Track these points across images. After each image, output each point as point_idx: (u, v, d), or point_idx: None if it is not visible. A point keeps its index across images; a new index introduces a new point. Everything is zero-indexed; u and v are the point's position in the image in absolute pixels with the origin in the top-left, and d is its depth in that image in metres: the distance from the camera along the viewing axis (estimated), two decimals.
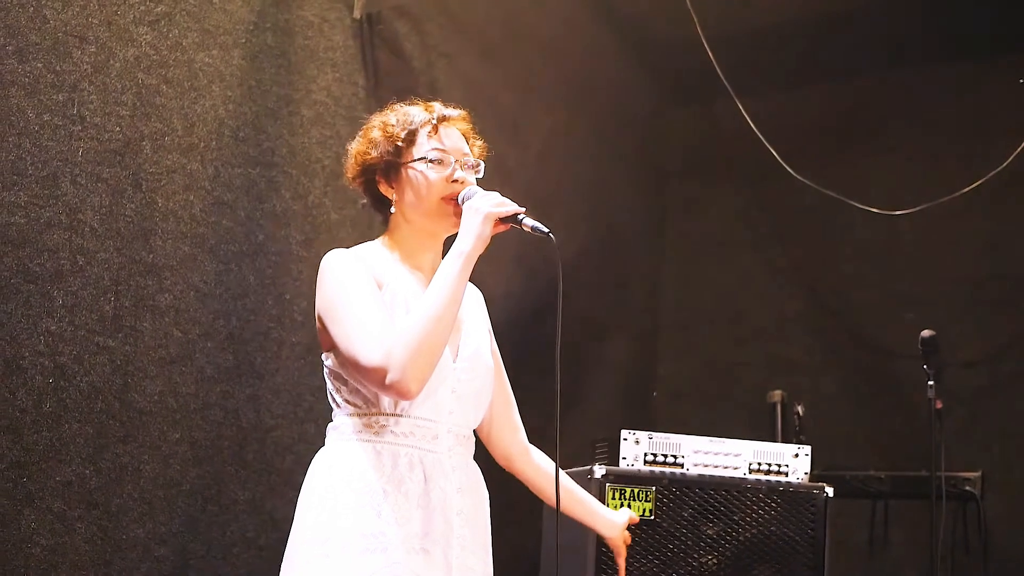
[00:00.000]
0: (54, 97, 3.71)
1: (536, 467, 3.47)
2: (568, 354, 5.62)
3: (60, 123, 3.72)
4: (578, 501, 3.55)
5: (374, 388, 2.97)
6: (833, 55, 6.61)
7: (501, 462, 3.45)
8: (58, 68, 3.72)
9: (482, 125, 5.66)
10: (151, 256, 4.00)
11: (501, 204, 3.04)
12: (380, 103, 4.92)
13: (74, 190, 3.75)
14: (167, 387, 4.02)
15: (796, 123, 6.80)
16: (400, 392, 2.90)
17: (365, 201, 3.32)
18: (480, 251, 3.01)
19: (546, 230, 3.04)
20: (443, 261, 3.01)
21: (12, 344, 3.55)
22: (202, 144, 4.22)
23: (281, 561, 3.08)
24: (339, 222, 4.72)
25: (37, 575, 3.56)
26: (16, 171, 3.59)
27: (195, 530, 4.08)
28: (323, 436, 3.36)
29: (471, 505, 3.14)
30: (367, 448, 3.02)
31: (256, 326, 4.37)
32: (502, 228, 3.06)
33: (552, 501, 3.32)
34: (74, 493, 3.68)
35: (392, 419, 3.03)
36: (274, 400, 4.41)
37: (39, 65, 3.67)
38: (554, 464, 3.34)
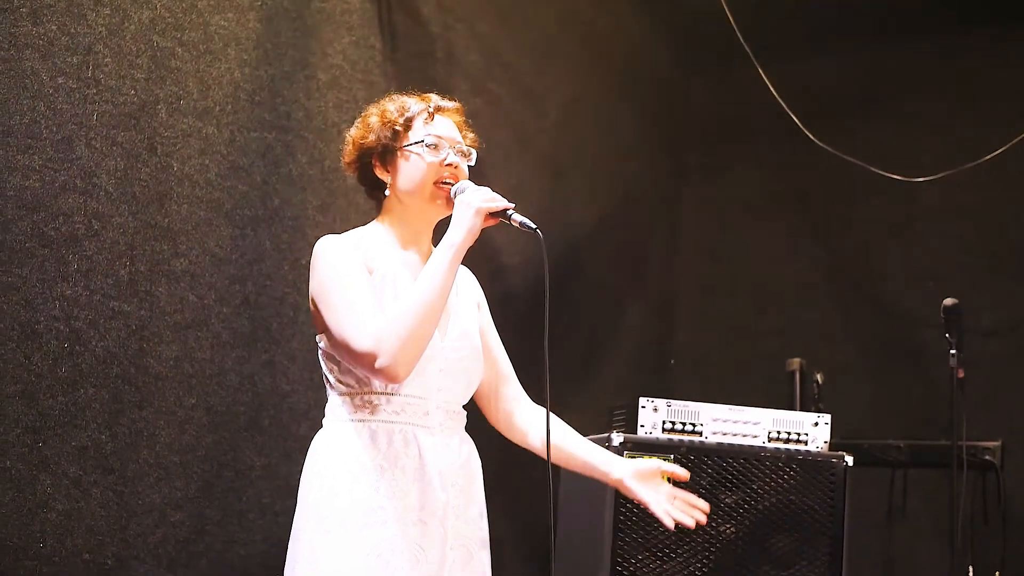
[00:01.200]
0: (69, 60, 3.68)
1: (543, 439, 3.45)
2: (586, 321, 5.60)
3: (75, 86, 3.69)
4: (588, 462, 3.47)
5: (364, 371, 3.10)
6: (855, 19, 6.55)
7: (511, 437, 3.52)
8: (73, 30, 3.69)
9: (500, 91, 5.67)
10: (166, 220, 3.97)
11: (491, 200, 3.18)
12: (397, 67, 4.93)
13: (89, 154, 3.73)
14: (183, 352, 4.01)
15: (817, 89, 6.74)
16: (388, 376, 3.05)
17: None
18: (470, 243, 3.15)
19: (533, 226, 3.17)
20: (435, 251, 3.15)
21: (27, 309, 3.53)
22: (217, 108, 4.19)
23: None
24: (355, 187, 4.63)
25: (53, 540, 3.55)
26: (30, 134, 3.56)
27: (210, 495, 4.07)
28: None
29: (465, 477, 3.27)
30: (361, 428, 3.16)
31: (272, 291, 4.35)
32: (492, 222, 3.20)
33: (566, 463, 3.44)
34: (90, 458, 3.67)
35: (384, 398, 3.16)
36: (290, 366, 4.39)
37: (53, 27, 3.63)
38: (563, 427, 3.46)
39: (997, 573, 5.70)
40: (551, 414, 3.30)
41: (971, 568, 5.53)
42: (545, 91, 6.05)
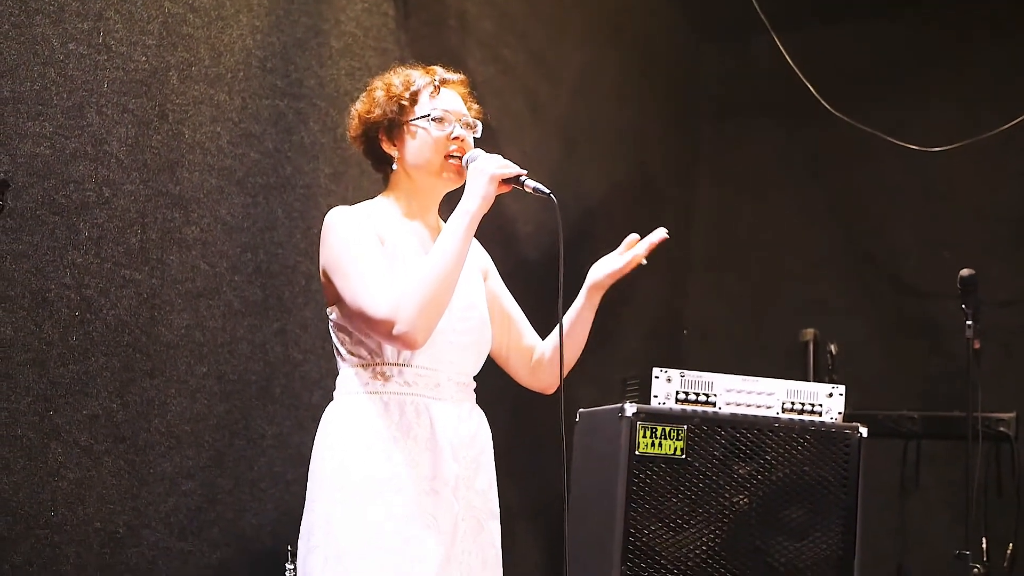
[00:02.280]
0: (79, 26, 3.66)
1: (549, 357, 3.55)
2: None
3: (85, 52, 3.68)
4: (575, 318, 3.56)
5: (380, 339, 3.14)
6: None
7: (534, 387, 3.57)
8: None
9: (514, 59, 5.64)
10: (178, 188, 3.96)
11: (505, 166, 3.19)
12: (410, 34, 4.90)
13: (100, 121, 3.71)
14: (194, 321, 4.00)
15: (833, 59, 6.69)
16: (406, 343, 3.08)
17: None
18: (484, 210, 3.17)
19: (547, 191, 3.19)
20: (450, 219, 3.17)
21: (38, 276, 3.52)
22: (229, 75, 4.17)
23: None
24: None
25: (64, 508, 3.55)
26: (41, 101, 3.55)
27: (222, 464, 4.06)
28: None
29: (475, 448, 3.30)
30: (374, 399, 3.19)
31: (284, 259, 4.34)
32: (505, 189, 3.22)
33: (566, 344, 3.42)
34: (101, 427, 3.67)
35: (396, 369, 3.20)
36: (302, 334, 4.38)
37: None
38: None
39: (1011, 545, 5.69)
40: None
41: (984, 540, 5.52)
42: (559, 60, 6.02)
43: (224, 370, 4.09)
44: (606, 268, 3.65)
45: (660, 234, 3.71)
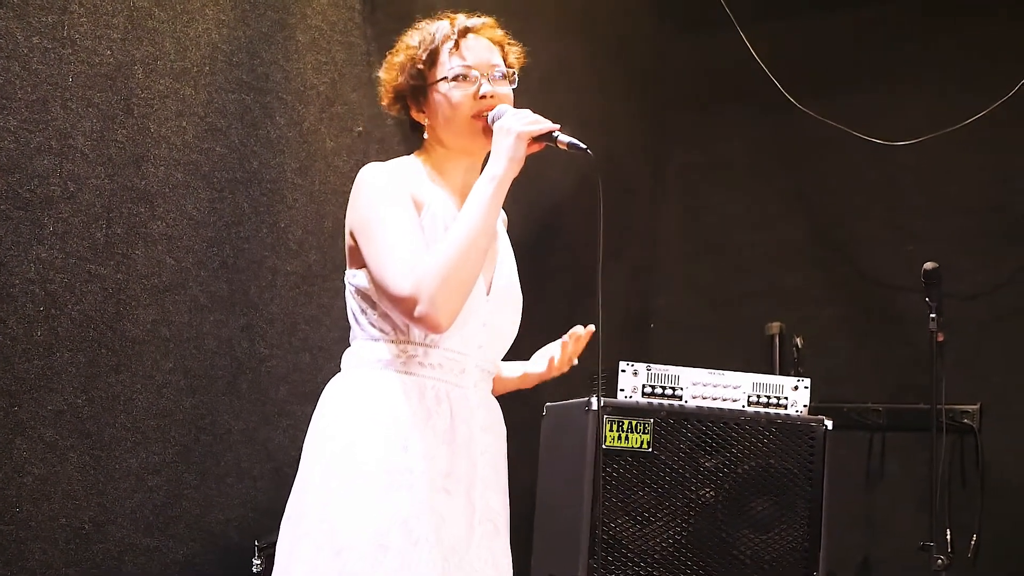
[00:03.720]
0: (43, 19, 3.63)
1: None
2: (566, 285, 5.58)
3: (50, 46, 3.65)
4: (508, 378, 3.36)
5: (402, 318, 2.86)
6: None
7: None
8: None
9: None
10: (143, 183, 3.94)
11: (534, 122, 2.93)
12: (376, 28, 4.89)
13: (64, 115, 3.69)
14: (160, 316, 3.98)
15: (799, 53, 6.72)
16: (430, 325, 2.78)
17: (360, 129, 3.26)
18: (514, 174, 2.89)
19: (583, 146, 2.93)
20: (475, 185, 2.89)
21: (2, 272, 3.50)
22: (195, 69, 4.15)
23: (275, 491, 3.04)
24: (334, 149, 4.65)
25: (30, 504, 3.53)
26: (4, 95, 3.52)
27: (188, 460, 4.05)
28: (318, 366, 3.35)
29: (494, 444, 3.05)
30: (392, 378, 2.90)
31: (250, 255, 4.33)
32: (536, 148, 2.94)
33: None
34: (66, 422, 3.65)
35: (421, 349, 2.91)
36: (268, 329, 4.37)
37: None
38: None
39: (975, 536, 5.73)
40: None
41: (949, 531, 5.56)
42: (528, 53, 6.00)
43: (190, 365, 4.08)
44: (540, 367, 3.35)
45: (587, 331, 3.36)
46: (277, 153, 4.45)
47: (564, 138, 2.93)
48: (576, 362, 3.37)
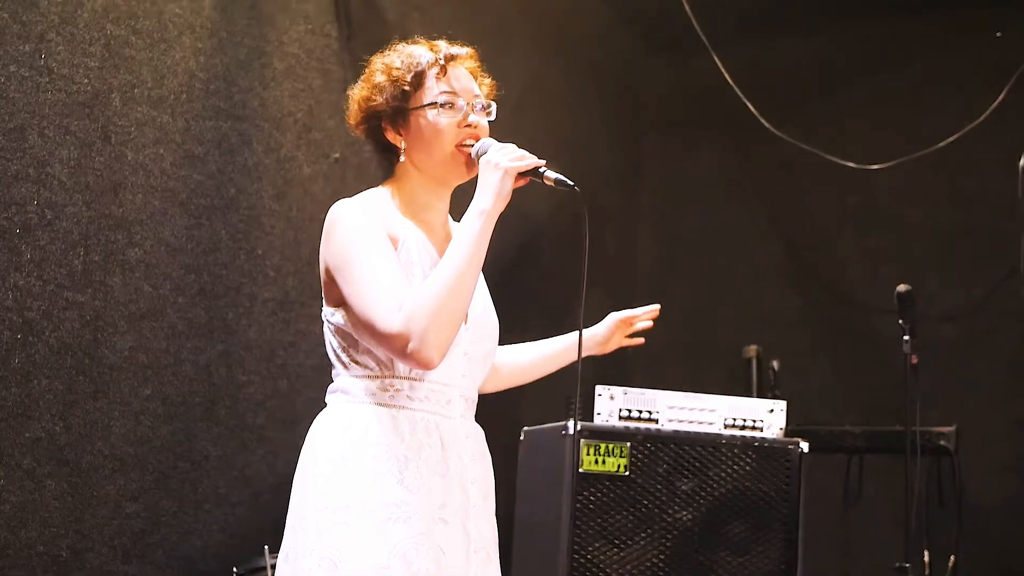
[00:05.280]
0: (20, 48, 3.64)
1: (505, 373, 3.43)
2: (543, 308, 5.58)
3: (27, 74, 3.66)
4: (554, 349, 3.48)
5: (392, 356, 2.83)
6: (810, 8, 6.59)
7: (494, 388, 3.40)
8: (24, 18, 3.66)
9: None
10: (121, 210, 3.95)
11: (521, 158, 2.92)
12: (353, 56, 4.91)
13: (42, 143, 3.69)
14: (138, 343, 3.98)
15: (773, 76, 6.78)
16: (421, 362, 2.75)
17: (337, 155, 3.25)
18: (502, 208, 2.88)
19: (571, 183, 2.93)
20: (463, 220, 2.86)
21: None
22: (172, 96, 4.17)
23: (253, 517, 3.04)
24: (311, 176, 4.67)
25: (7, 532, 3.53)
26: None
27: (166, 487, 4.05)
28: (296, 392, 3.36)
29: (483, 473, 3.04)
30: (382, 413, 2.88)
31: (228, 281, 4.33)
32: (522, 183, 2.93)
33: (524, 372, 3.44)
34: (44, 449, 3.65)
35: (407, 383, 2.89)
36: (246, 356, 4.38)
37: (5, 15, 3.60)
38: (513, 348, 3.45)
39: (952, 557, 5.75)
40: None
41: (927, 552, 5.57)
42: (502, 78, 6.02)
43: (168, 392, 4.08)
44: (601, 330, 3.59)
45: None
46: (254, 180, 4.47)
47: (551, 174, 2.93)
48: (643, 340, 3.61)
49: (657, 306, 3.60)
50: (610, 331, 3.61)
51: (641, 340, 3.65)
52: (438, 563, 2.83)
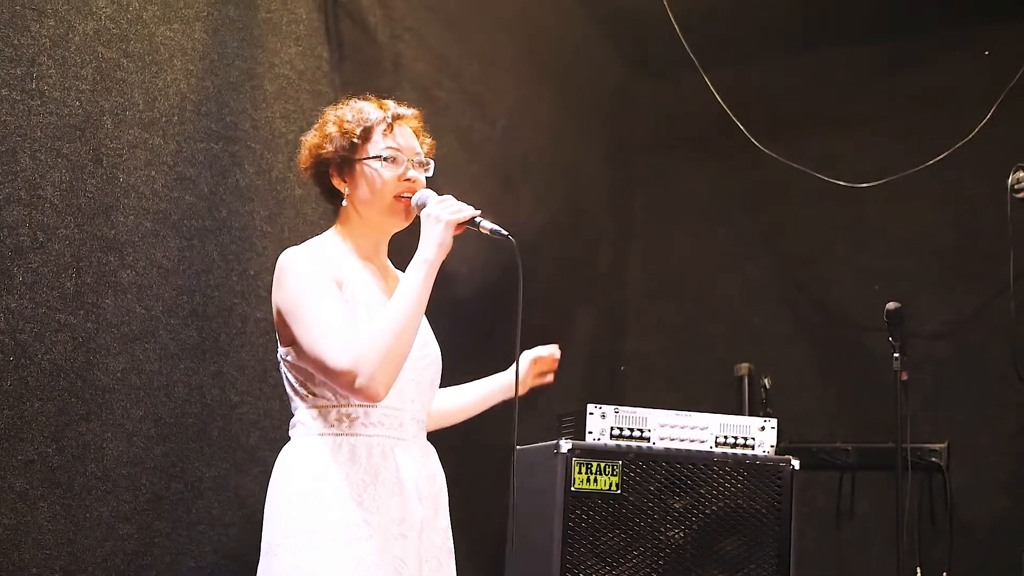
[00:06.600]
0: (12, 71, 3.65)
1: (435, 416, 3.65)
2: (535, 327, 5.61)
3: (18, 97, 3.67)
4: (479, 393, 3.79)
5: (341, 389, 3.11)
6: (799, 28, 6.61)
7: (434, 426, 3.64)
8: (16, 42, 3.67)
9: (448, 100, 5.68)
10: (113, 232, 3.95)
11: (458, 211, 3.21)
12: (344, 76, 4.93)
13: (33, 165, 3.70)
14: (130, 364, 3.99)
15: (763, 96, 6.81)
16: (368, 396, 3.05)
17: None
18: (443, 257, 3.18)
19: (505, 232, 3.23)
20: (409, 268, 3.17)
21: None
22: (164, 119, 4.18)
23: (247, 538, 3.09)
24: (303, 197, 4.68)
25: (0, 555, 3.52)
26: None
27: (160, 508, 4.05)
28: (288, 413, 3.36)
29: (435, 486, 3.33)
30: (340, 442, 3.16)
31: (220, 302, 4.34)
32: (459, 231, 3.23)
33: (453, 415, 3.76)
34: (36, 472, 3.65)
35: (362, 410, 3.18)
36: (239, 376, 4.38)
37: None
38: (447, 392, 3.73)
39: (944, 573, 5.76)
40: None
41: (919, 569, 5.59)
42: (493, 99, 6.06)
43: (161, 413, 4.08)
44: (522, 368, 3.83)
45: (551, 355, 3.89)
46: (246, 201, 4.48)
47: (487, 224, 3.25)
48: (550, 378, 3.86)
49: (556, 346, 3.93)
50: (525, 373, 3.86)
51: (551, 379, 3.94)
52: (399, 574, 3.13)
